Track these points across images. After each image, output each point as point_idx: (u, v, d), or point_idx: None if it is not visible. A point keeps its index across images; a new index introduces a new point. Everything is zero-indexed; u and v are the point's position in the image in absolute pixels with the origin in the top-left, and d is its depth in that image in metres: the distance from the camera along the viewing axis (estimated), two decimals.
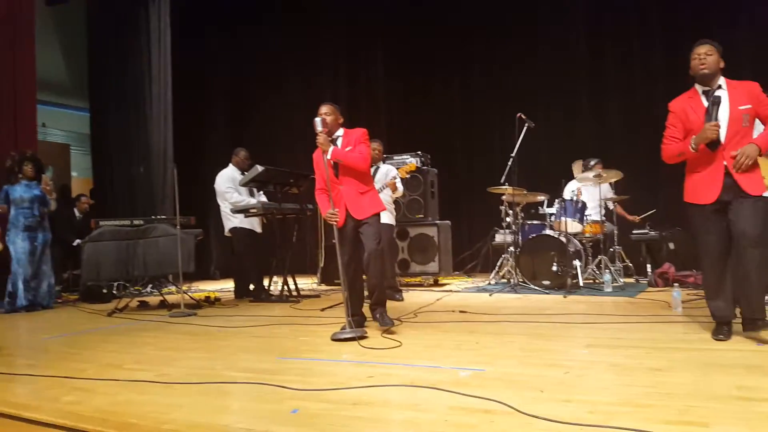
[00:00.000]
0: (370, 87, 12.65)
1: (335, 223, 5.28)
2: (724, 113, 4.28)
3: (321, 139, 5.21)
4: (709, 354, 3.93)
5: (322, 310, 6.90)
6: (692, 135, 4.36)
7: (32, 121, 9.96)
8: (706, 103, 4.36)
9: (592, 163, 8.73)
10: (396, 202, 8.10)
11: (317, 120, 5.25)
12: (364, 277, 5.55)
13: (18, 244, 7.91)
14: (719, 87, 4.37)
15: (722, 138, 4.23)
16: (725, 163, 4.25)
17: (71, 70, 12.85)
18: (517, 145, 8.07)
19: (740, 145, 4.19)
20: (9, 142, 9.17)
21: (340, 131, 5.42)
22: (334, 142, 5.34)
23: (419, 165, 9.24)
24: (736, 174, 4.20)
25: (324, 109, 5.36)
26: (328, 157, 5.22)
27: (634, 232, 9.07)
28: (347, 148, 5.30)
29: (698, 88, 4.45)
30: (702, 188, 4.36)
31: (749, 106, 4.26)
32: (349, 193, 5.32)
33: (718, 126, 4.19)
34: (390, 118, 12.11)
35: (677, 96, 4.60)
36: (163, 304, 7.80)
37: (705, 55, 4.32)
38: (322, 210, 5.44)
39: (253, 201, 8.19)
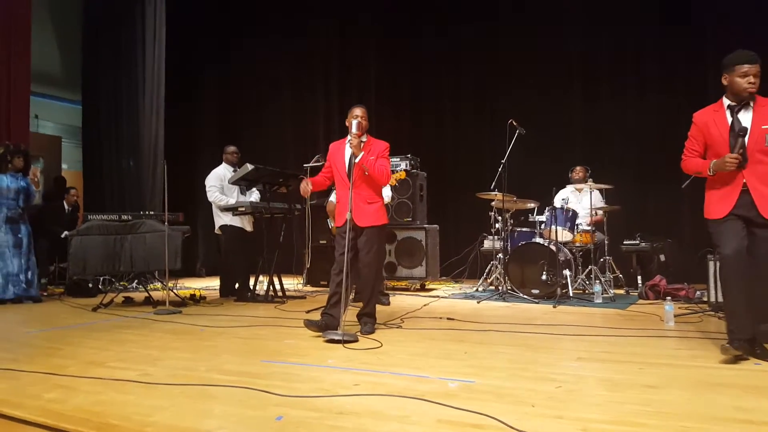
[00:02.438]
0: (362, 87, 12.58)
1: (306, 190, 5.58)
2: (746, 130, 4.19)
3: (355, 141, 5.32)
4: (704, 371, 3.85)
5: (308, 312, 6.82)
6: (711, 149, 4.32)
7: (25, 111, 9.95)
8: (730, 119, 4.26)
9: (577, 168, 8.72)
10: (384, 205, 8.04)
11: (354, 122, 5.36)
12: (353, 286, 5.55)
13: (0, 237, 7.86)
14: (747, 104, 4.23)
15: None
16: (745, 180, 4.18)
17: (65, 63, 12.73)
18: (508, 152, 8.04)
19: (761, 164, 4.12)
20: (2, 132, 9.17)
21: (364, 137, 5.47)
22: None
23: (408, 168, 9.19)
24: (754, 193, 4.14)
25: (360, 111, 5.46)
26: (356, 160, 5.32)
27: (625, 242, 8.98)
28: (370, 158, 5.38)
29: (725, 101, 4.33)
30: (718, 204, 4.29)
31: None
32: (356, 199, 5.34)
33: (738, 159, 4.07)
34: (380, 120, 12.07)
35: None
36: (148, 301, 7.73)
37: (754, 78, 4.15)
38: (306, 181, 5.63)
39: (232, 201, 8.15)
